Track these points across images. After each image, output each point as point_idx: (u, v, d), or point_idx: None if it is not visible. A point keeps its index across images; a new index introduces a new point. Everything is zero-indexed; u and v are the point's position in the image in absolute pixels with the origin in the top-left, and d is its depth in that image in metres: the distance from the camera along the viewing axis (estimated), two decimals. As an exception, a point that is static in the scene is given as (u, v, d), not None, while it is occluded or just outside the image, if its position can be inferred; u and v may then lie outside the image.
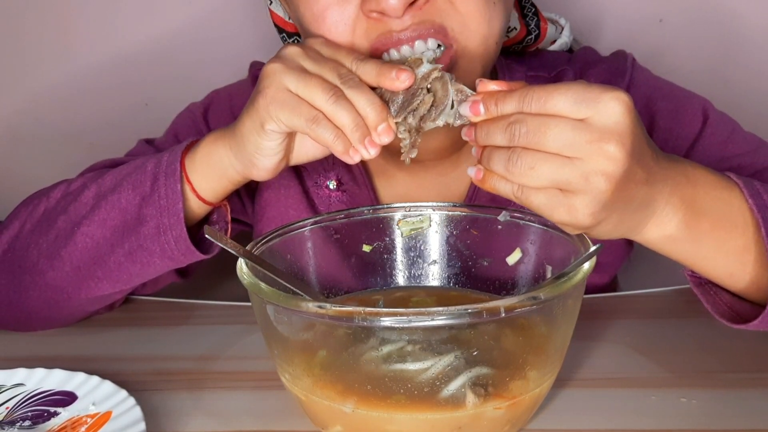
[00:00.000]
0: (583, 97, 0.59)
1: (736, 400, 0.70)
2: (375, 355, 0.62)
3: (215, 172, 0.78)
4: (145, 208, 0.78)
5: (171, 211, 0.77)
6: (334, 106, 0.67)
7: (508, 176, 0.62)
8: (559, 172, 0.60)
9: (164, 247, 0.78)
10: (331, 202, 0.92)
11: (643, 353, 0.79)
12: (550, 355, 0.64)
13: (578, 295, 0.64)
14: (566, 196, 0.61)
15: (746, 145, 0.89)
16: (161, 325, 0.89)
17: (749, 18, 1.21)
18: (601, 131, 0.59)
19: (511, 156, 0.61)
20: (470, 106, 0.64)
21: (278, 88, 0.69)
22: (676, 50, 1.21)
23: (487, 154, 0.63)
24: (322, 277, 0.77)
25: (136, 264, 0.80)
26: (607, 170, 0.59)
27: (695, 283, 0.75)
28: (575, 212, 0.61)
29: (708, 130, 0.89)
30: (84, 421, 0.67)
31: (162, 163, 0.79)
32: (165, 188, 0.77)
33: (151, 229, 0.78)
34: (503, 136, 0.62)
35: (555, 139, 0.60)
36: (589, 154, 0.59)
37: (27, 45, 1.27)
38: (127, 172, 0.81)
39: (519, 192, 0.63)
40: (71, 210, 0.81)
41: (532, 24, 0.95)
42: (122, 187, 0.79)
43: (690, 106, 0.90)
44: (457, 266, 0.79)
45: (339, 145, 0.68)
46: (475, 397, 0.59)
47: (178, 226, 0.77)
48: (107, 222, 0.79)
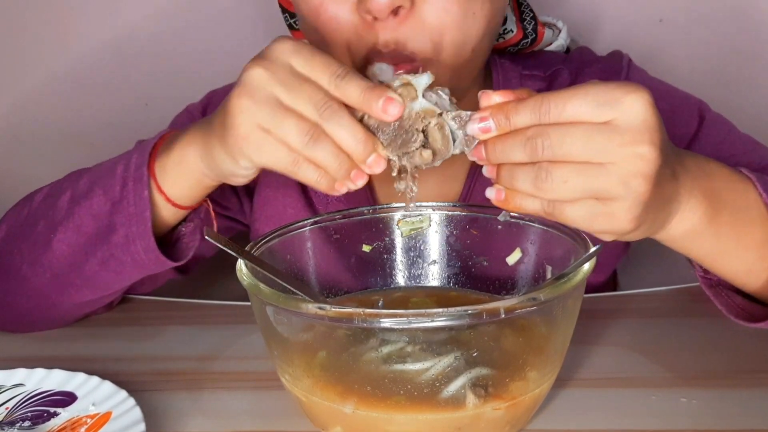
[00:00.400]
0: (604, 99, 0.57)
1: (736, 400, 0.70)
2: (375, 355, 0.62)
3: (188, 179, 0.75)
4: (115, 215, 0.76)
5: (139, 219, 0.75)
6: (312, 149, 0.62)
7: (539, 193, 0.59)
8: (594, 181, 0.57)
9: (135, 258, 0.77)
10: (329, 201, 0.92)
11: (643, 353, 0.79)
12: (550, 355, 0.64)
13: (578, 296, 0.64)
14: (605, 204, 0.58)
15: (742, 145, 0.90)
16: (161, 325, 0.89)
17: (749, 18, 1.20)
18: (632, 132, 0.57)
19: (539, 173, 0.58)
20: (478, 124, 0.60)
21: (250, 127, 0.63)
22: (675, 50, 1.21)
23: (507, 174, 0.60)
24: (321, 278, 0.77)
25: (110, 272, 0.78)
26: (643, 171, 0.57)
27: (707, 285, 0.75)
28: (616, 219, 0.59)
29: (704, 130, 0.89)
30: (84, 421, 0.67)
31: (130, 166, 0.76)
32: (133, 194, 0.75)
33: (120, 238, 0.76)
34: (523, 151, 0.58)
35: (584, 148, 0.57)
36: (624, 158, 0.57)
37: (26, 44, 1.27)
38: (99, 174, 0.79)
39: (551, 208, 0.59)
40: (50, 215, 0.80)
41: (530, 28, 0.95)
42: (94, 192, 0.77)
43: (686, 107, 0.91)
44: (456, 266, 0.79)
45: (323, 183, 0.64)
46: (475, 397, 0.59)
47: (146, 235, 0.75)
48: (81, 228, 0.78)
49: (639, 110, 0.57)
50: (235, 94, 0.64)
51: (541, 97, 0.58)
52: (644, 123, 0.57)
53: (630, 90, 0.57)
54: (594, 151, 0.57)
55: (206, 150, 0.71)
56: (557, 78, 0.93)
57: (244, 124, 0.64)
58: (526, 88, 0.64)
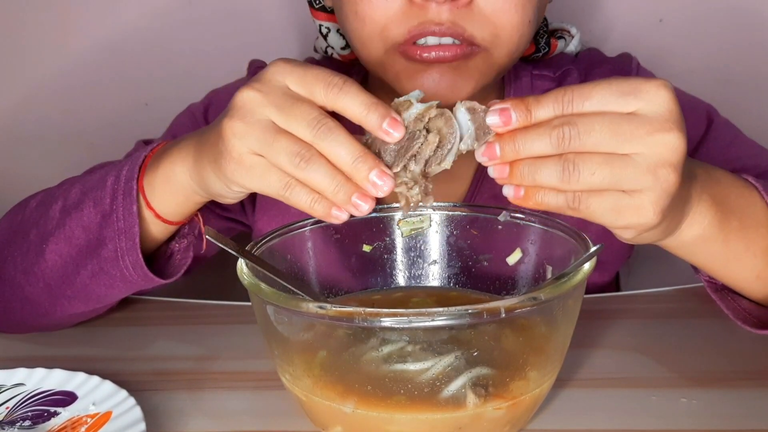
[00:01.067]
0: (627, 89, 0.56)
1: (736, 400, 0.70)
2: (375, 355, 0.62)
3: (177, 196, 0.73)
4: (105, 228, 0.75)
5: (128, 234, 0.74)
6: (305, 171, 0.59)
7: (565, 187, 0.57)
8: (623, 172, 0.56)
9: (123, 273, 0.75)
10: None
11: (644, 353, 0.79)
12: (551, 355, 0.64)
13: (578, 296, 0.64)
14: (632, 197, 0.57)
15: (748, 149, 0.90)
16: (161, 325, 0.89)
17: (749, 18, 1.21)
18: (658, 121, 0.56)
19: (566, 165, 0.56)
20: (500, 113, 0.57)
21: (242, 151, 0.61)
22: (676, 50, 1.21)
23: (529, 169, 0.57)
24: (322, 278, 0.77)
25: (101, 286, 0.77)
26: (671, 160, 0.56)
27: (712, 289, 0.75)
28: (644, 211, 0.57)
29: (712, 133, 0.90)
30: (84, 421, 0.67)
31: (120, 178, 0.74)
32: (122, 209, 0.73)
33: (110, 252, 0.75)
34: (549, 142, 0.56)
35: (611, 137, 0.55)
36: (651, 147, 0.56)
37: (26, 44, 1.27)
38: (91, 185, 0.77)
39: (576, 202, 0.57)
40: (41, 223, 0.79)
41: (542, 42, 0.97)
42: (84, 204, 0.76)
43: (694, 110, 0.91)
44: (457, 266, 0.79)
45: (319, 209, 0.61)
46: (475, 397, 0.59)
47: (134, 251, 0.74)
48: (72, 240, 0.76)
49: (663, 99, 0.56)
50: (227, 117, 0.61)
51: (563, 89, 0.57)
52: (669, 112, 0.56)
53: (651, 80, 0.57)
54: (621, 140, 0.55)
55: (196, 169, 0.69)
56: (567, 78, 0.94)
57: (236, 149, 0.61)
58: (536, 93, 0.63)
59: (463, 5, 0.76)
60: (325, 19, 0.96)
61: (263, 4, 1.25)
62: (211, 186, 0.68)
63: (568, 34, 1.01)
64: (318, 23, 0.97)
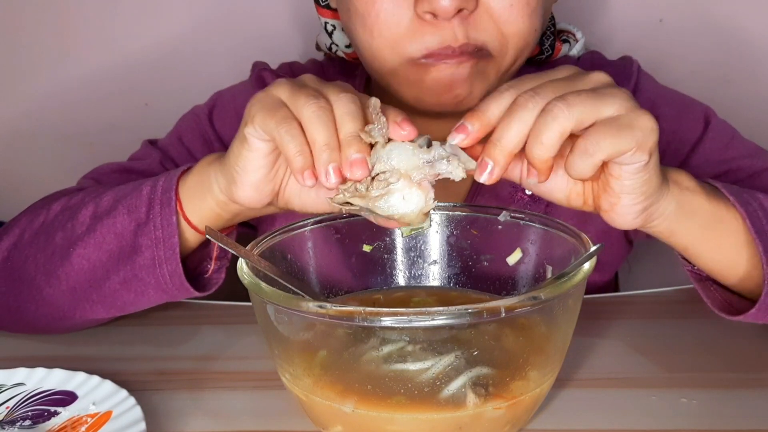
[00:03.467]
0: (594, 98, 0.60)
1: (736, 400, 0.70)
2: (375, 355, 0.62)
3: (204, 196, 0.74)
4: (141, 237, 0.75)
5: (167, 244, 0.74)
6: (313, 114, 0.62)
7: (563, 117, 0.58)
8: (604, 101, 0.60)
9: (159, 281, 0.76)
10: None
11: (644, 353, 0.79)
12: (551, 355, 0.64)
13: (579, 295, 0.64)
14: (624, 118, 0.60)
15: (745, 149, 0.91)
16: (161, 324, 0.89)
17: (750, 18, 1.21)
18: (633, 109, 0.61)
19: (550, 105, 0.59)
20: (456, 131, 0.61)
21: (269, 94, 0.65)
22: (676, 50, 1.22)
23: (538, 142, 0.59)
24: (322, 277, 0.77)
25: (131, 293, 0.78)
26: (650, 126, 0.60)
27: (695, 279, 0.76)
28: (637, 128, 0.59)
29: (709, 134, 0.91)
30: (84, 420, 0.67)
31: (157, 189, 0.76)
32: (161, 218, 0.75)
33: (146, 260, 0.75)
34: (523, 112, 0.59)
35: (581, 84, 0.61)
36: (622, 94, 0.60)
37: (27, 46, 1.27)
38: (124, 193, 0.78)
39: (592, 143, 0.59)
40: (69, 227, 0.79)
41: (547, 44, 0.97)
42: (117, 211, 0.77)
43: (692, 111, 0.93)
44: (457, 266, 0.79)
45: (298, 161, 0.62)
46: (475, 397, 0.59)
47: (173, 260, 0.74)
48: (103, 246, 0.77)
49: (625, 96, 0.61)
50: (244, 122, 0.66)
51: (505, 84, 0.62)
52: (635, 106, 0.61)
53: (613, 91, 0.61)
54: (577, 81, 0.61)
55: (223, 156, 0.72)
56: None
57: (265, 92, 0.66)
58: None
59: (469, 14, 0.76)
60: (330, 17, 0.97)
61: (264, 4, 1.25)
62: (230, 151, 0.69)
63: (573, 38, 1.02)
64: (323, 20, 0.97)
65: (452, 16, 0.75)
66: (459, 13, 0.76)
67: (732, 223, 0.71)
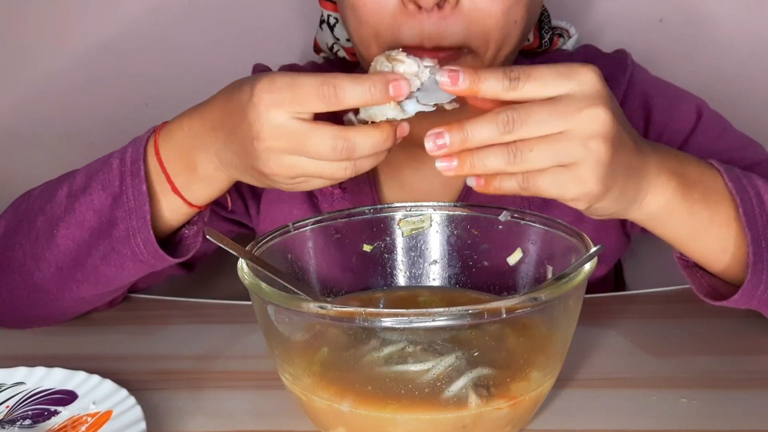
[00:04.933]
0: (564, 71, 0.62)
1: (736, 400, 0.70)
2: (376, 356, 0.62)
3: (216, 190, 0.76)
4: (116, 209, 0.76)
5: (138, 213, 0.75)
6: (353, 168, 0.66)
7: (511, 167, 0.62)
8: (559, 146, 0.61)
9: (134, 251, 0.76)
10: (334, 200, 0.92)
11: (644, 353, 0.79)
12: (552, 355, 0.64)
13: (579, 296, 0.64)
14: (571, 170, 0.62)
15: (737, 141, 0.92)
16: (162, 324, 0.89)
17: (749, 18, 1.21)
18: (586, 99, 0.61)
19: (510, 148, 0.62)
20: (449, 73, 0.62)
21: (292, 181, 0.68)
22: (676, 50, 1.21)
23: (479, 158, 0.62)
24: (322, 277, 0.77)
25: (111, 267, 0.78)
26: (600, 132, 0.61)
27: (683, 265, 0.77)
28: (585, 182, 0.62)
29: (701, 126, 0.91)
30: (84, 420, 0.67)
31: (126, 160, 0.76)
32: (132, 189, 0.75)
33: (121, 232, 0.76)
34: (494, 128, 0.61)
35: (548, 117, 0.61)
36: (580, 122, 0.61)
37: (25, 44, 1.27)
38: (96, 169, 0.79)
39: (525, 182, 0.63)
40: (47, 210, 0.80)
41: (546, 37, 0.98)
42: (92, 187, 0.78)
43: (685, 103, 0.93)
44: (457, 266, 0.79)
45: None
46: (477, 397, 0.59)
47: (145, 229, 0.75)
48: (84, 224, 0.78)
49: (591, 80, 0.62)
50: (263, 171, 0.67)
51: (512, 66, 0.63)
52: (596, 91, 0.62)
53: (584, 65, 0.63)
54: (556, 118, 0.61)
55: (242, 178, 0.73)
56: None
57: (288, 182, 0.68)
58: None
59: (449, 11, 0.76)
60: (332, 10, 0.97)
61: (265, 4, 1.24)
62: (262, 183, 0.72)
63: (566, 34, 1.02)
64: (326, 13, 0.97)
65: (432, 7, 0.75)
66: (441, 8, 0.75)
67: (722, 214, 0.72)
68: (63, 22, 1.26)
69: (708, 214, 0.71)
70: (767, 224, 0.71)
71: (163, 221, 0.78)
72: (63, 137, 1.30)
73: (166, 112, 1.02)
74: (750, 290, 0.71)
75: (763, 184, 0.73)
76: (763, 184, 0.73)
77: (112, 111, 1.29)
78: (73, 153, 1.26)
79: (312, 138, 0.64)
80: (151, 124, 1.03)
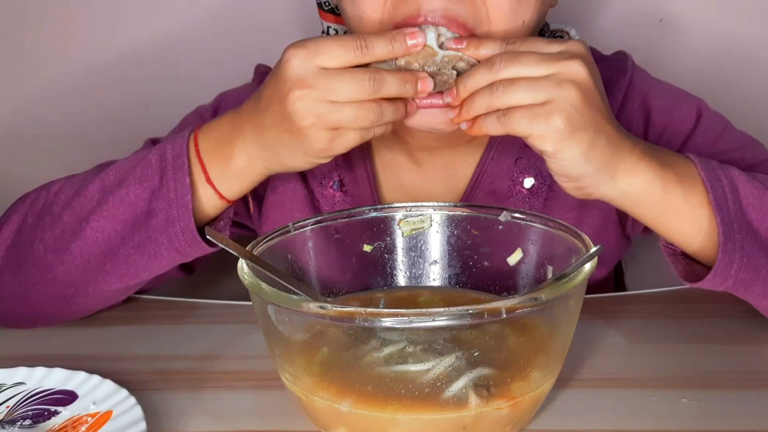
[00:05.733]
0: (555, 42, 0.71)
1: (736, 400, 0.70)
2: (376, 356, 0.62)
3: (249, 183, 0.80)
4: (155, 201, 0.78)
5: (180, 202, 0.77)
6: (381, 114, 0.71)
7: (492, 102, 0.69)
8: (536, 84, 0.68)
9: (172, 239, 0.78)
10: (335, 201, 0.92)
11: (644, 353, 0.79)
12: (552, 355, 0.64)
13: (579, 296, 0.64)
14: (544, 107, 0.67)
15: (737, 141, 0.92)
16: (162, 324, 0.89)
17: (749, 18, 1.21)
18: (570, 54, 0.69)
19: (493, 85, 0.69)
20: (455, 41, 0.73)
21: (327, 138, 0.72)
22: (676, 50, 1.21)
23: (470, 99, 0.71)
24: (322, 277, 0.77)
25: (144, 256, 0.79)
26: (576, 79, 0.68)
27: (668, 253, 0.78)
28: (552, 117, 0.67)
29: (701, 126, 0.91)
30: (84, 420, 0.67)
31: (167, 156, 0.79)
32: (174, 181, 0.78)
33: (160, 221, 0.78)
34: (485, 70, 0.69)
35: (533, 61, 0.69)
36: (560, 67, 0.68)
37: (26, 44, 1.27)
38: (131, 165, 0.81)
39: (502, 116, 0.69)
40: (76, 204, 0.81)
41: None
42: (128, 182, 0.79)
43: (685, 104, 0.93)
44: (457, 266, 0.79)
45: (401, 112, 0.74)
46: (477, 397, 0.59)
47: (185, 216, 0.77)
48: (117, 216, 0.79)
49: (578, 45, 0.70)
50: (300, 120, 0.71)
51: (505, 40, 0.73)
52: (581, 53, 0.70)
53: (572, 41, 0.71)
54: (538, 63, 0.69)
55: (278, 161, 0.77)
56: None
57: (323, 136, 0.72)
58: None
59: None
60: (333, 21, 0.97)
61: (264, 5, 1.24)
62: (299, 167, 0.78)
63: (567, 36, 1.02)
64: (326, 25, 0.98)
65: None
66: None
67: (696, 196, 0.74)
68: (63, 23, 1.26)
69: (682, 194, 0.73)
70: (739, 209, 0.73)
71: (199, 215, 0.79)
72: (63, 138, 1.30)
73: (166, 113, 1.02)
74: (722, 269, 0.72)
75: (740, 174, 0.75)
76: (739, 174, 0.75)
77: (113, 111, 1.29)
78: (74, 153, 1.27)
79: (342, 76, 0.70)
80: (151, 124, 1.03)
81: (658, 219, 0.75)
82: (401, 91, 0.72)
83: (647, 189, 0.72)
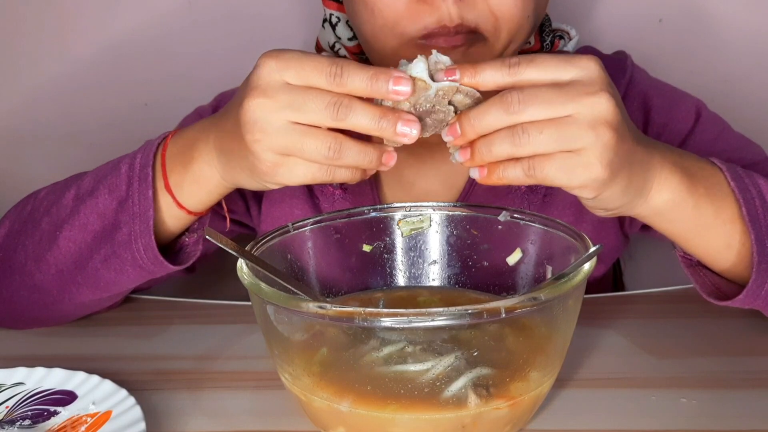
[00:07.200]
0: (564, 59, 0.63)
1: (736, 401, 0.70)
2: (375, 356, 0.62)
3: (208, 194, 0.75)
4: (121, 213, 0.76)
5: (142, 218, 0.75)
6: (340, 158, 0.64)
7: (518, 152, 0.61)
8: (567, 130, 0.61)
9: (135, 256, 0.76)
10: (335, 198, 0.93)
11: (644, 353, 0.79)
12: (551, 355, 0.64)
13: (578, 296, 0.64)
14: (579, 155, 0.62)
15: (736, 142, 0.92)
16: (161, 324, 0.89)
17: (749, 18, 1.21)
18: (592, 85, 0.62)
19: (515, 130, 0.61)
20: (445, 72, 0.63)
21: (274, 157, 0.65)
22: (676, 50, 1.21)
23: (485, 144, 0.62)
24: (322, 277, 0.77)
25: (111, 271, 0.78)
26: (606, 117, 0.61)
27: (686, 264, 0.77)
28: (592, 167, 0.62)
29: (700, 126, 0.92)
30: (84, 420, 0.67)
31: (135, 165, 0.77)
32: (138, 194, 0.75)
33: (124, 236, 0.76)
34: (499, 111, 0.61)
35: (555, 97, 0.61)
36: (589, 106, 0.61)
37: (25, 44, 1.27)
38: (104, 173, 0.79)
39: (531, 169, 0.62)
40: (53, 212, 0.80)
41: (548, 40, 0.98)
42: (99, 191, 0.78)
43: (684, 104, 0.94)
44: (457, 266, 0.79)
45: (357, 176, 0.66)
46: (476, 397, 0.59)
47: (147, 233, 0.75)
48: (87, 227, 0.78)
49: (594, 68, 0.63)
50: (246, 132, 0.64)
51: (508, 58, 0.63)
52: (600, 78, 0.63)
53: (583, 55, 0.64)
54: (563, 101, 0.61)
55: (230, 176, 0.72)
56: None
57: (267, 156, 0.65)
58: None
59: None
60: (335, 9, 0.97)
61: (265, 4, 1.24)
62: (249, 186, 0.71)
63: (567, 36, 1.02)
64: (328, 12, 0.98)
65: None
66: None
67: (727, 210, 0.72)
68: (63, 23, 1.26)
69: (713, 209, 0.71)
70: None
71: (165, 227, 0.78)
72: (63, 138, 1.30)
73: (165, 114, 1.02)
74: (754, 290, 0.71)
75: (765, 183, 0.74)
76: (764, 183, 0.73)
77: (112, 112, 1.29)
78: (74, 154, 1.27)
79: (305, 93, 0.62)
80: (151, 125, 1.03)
81: (687, 235, 0.73)
82: (373, 128, 0.63)
83: (678, 205, 0.70)
